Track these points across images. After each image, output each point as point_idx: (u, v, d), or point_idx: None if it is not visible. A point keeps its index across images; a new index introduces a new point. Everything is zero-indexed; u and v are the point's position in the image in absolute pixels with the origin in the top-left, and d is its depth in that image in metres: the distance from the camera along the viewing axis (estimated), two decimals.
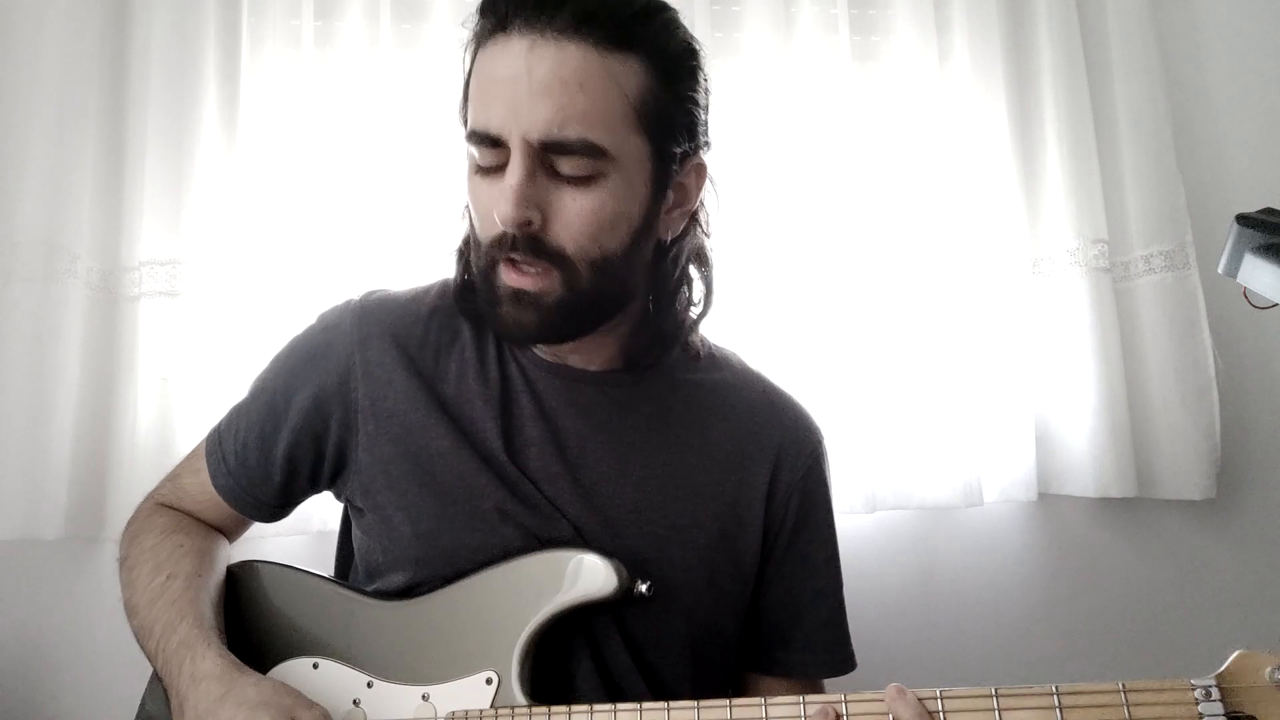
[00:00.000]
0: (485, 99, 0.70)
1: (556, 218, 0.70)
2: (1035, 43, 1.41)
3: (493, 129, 0.69)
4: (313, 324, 0.87)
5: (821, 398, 1.27)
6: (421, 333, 0.83)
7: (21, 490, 1.12)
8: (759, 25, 1.35)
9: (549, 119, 0.67)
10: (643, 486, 0.81)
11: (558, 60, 0.67)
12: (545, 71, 0.67)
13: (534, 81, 0.67)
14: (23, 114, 1.18)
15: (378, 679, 0.75)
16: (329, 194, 1.25)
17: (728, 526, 0.83)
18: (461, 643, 0.75)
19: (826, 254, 1.32)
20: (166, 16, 1.22)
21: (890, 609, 1.35)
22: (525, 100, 0.67)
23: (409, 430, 0.80)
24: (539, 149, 0.68)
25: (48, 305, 1.15)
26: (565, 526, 0.78)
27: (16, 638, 1.19)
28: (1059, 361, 1.37)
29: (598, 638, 0.78)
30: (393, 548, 0.80)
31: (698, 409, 0.85)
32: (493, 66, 0.70)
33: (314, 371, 0.82)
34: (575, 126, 0.68)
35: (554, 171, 0.70)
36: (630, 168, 0.72)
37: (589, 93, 0.68)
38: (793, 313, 1.30)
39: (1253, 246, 0.69)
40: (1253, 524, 1.43)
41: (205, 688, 0.68)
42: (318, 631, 0.79)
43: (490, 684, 0.73)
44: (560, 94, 0.67)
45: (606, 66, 0.69)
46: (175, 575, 0.79)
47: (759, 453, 0.86)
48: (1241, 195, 1.45)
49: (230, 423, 0.87)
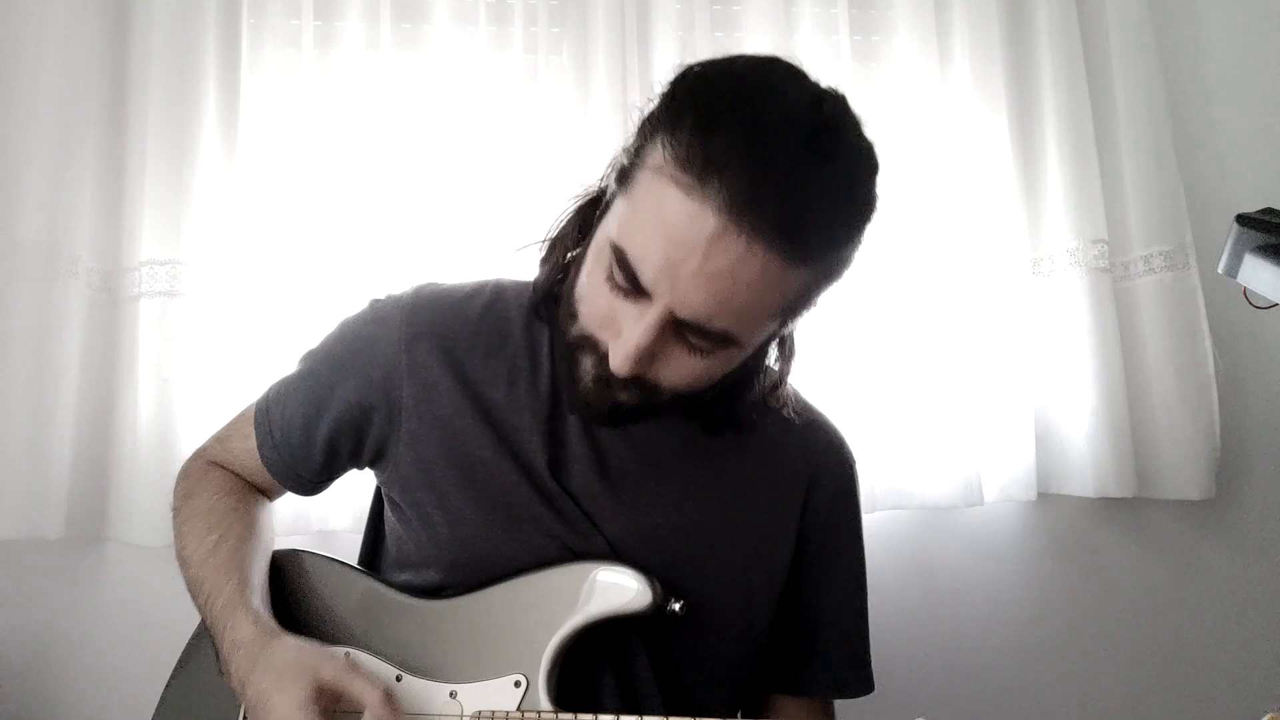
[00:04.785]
0: (648, 237, 0.63)
1: (664, 366, 0.68)
2: (1035, 43, 1.41)
3: (645, 280, 0.64)
4: (363, 310, 0.86)
5: (822, 397, 1.27)
6: (471, 335, 0.82)
7: (22, 490, 1.12)
8: (759, 25, 1.35)
9: (703, 308, 0.63)
10: (681, 506, 0.81)
11: (739, 260, 0.61)
12: (722, 266, 0.61)
13: (706, 266, 0.61)
14: (24, 114, 1.18)
15: (407, 673, 0.76)
16: (329, 194, 1.25)
17: (763, 548, 0.84)
18: (492, 644, 0.75)
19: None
20: (166, 16, 1.22)
21: (889, 609, 1.34)
22: (689, 278, 0.62)
23: (453, 436, 0.79)
24: (678, 320, 0.65)
25: (48, 306, 1.15)
26: (601, 542, 0.78)
27: (17, 638, 1.19)
28: (1059, 361, 1.37)
29: (626, 654, 0.78)
30: (428, 545, 0.80)
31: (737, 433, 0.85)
32: (670, 212, 0.62)
33: (360, 363, 0.82)
34: (723, 320, 0.64)
35: (679, 334, 0.67)
36: (751, 346, 0.71)
37: (752, 293, 0.64)
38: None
39: (1253, 246, 0.69)
40: (1252, 524, 1.44)
41: (242, 655, 0.72)
42: (352, 622, 0.80)
43: (518, 687, 0.73)
44: (726, 290, 0.63)
45: (782, 278, 0.64)
46: (226, 537, 0.81)
47: (794, 474, 0.86)
48: (1241, 195, 1.45)
49: (278, 397, 0.86)
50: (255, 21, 1.27)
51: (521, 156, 1.29)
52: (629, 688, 0.78)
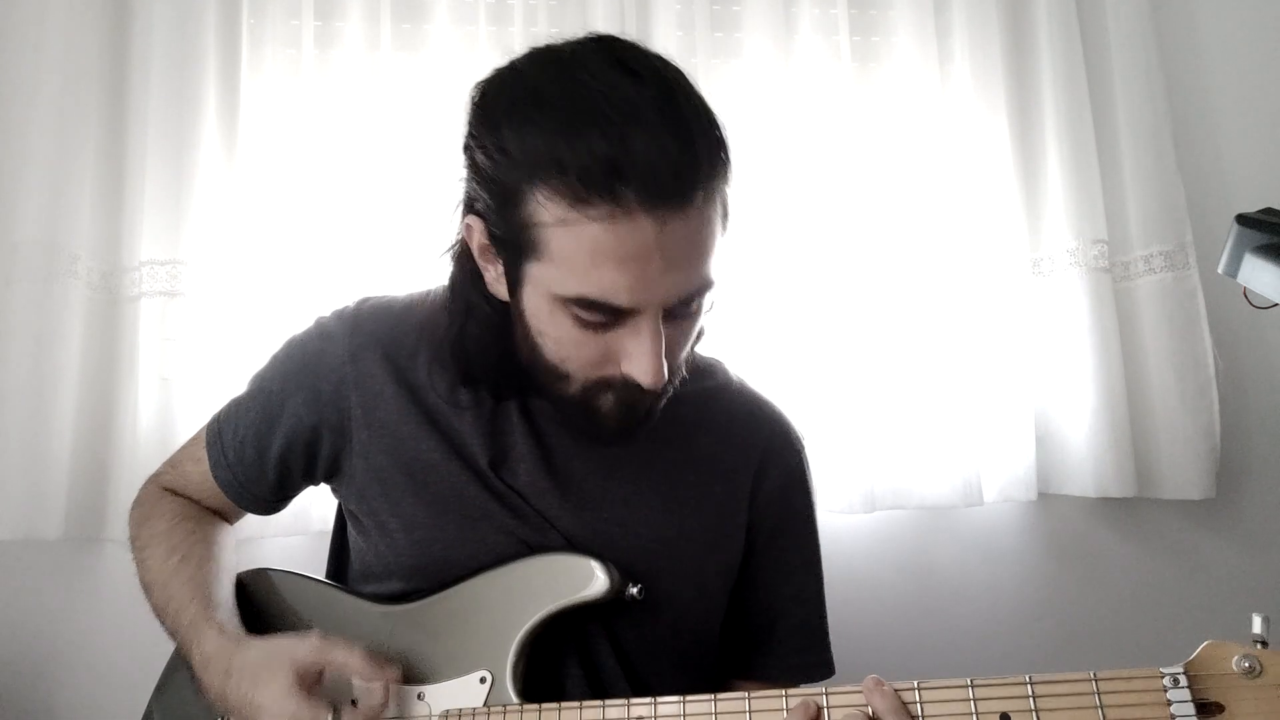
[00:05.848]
0: (603, 273, 0.64)
1: (674, 350, 0.70)
2: (1035, 43, 1.41)
3: (624, 304, 0.65)
4: (309, 328, 0.87)
5: (823, 397, 1.28)
6: (413, 343, 0.83)
7: (22, 490, 1.12)
8: (759, 25, 1.35)
9: (683, 286, 0.67)
10: (630, 501, 0.82)
11: (688, 230, 0.64)
12: (679, 248, 0.64)
13: (668, 258, 0.64)
14: (23, 114, 1.18)
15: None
16: (329, 194, 1.25)
17: (714, 537, 0.84)
18: (457, 643, 0.76)
19: (826, 253, 1.32)
20: (167, 16, 1.22)
21: (889, 609, 1.35)
22: (659, 276, 0.65)
23: (400, 441, 0.80)
24: (669, 309, 0.68)
25: (48, 305, 1.15)
26: (556, 537, 0.79)
27: (17, 638, 1.19)
28: (1059, 361, 1.37)
29: (589, 644, 0.79)
30: (388, 554, 0.81)
31: (683, 421, 0.85)
32: (608, 244, 0.63)
33: (308, 378, 0.83)
34: (699, 277, 0.68)
35: (672, 317, 0.69)
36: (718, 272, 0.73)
37: (710, 237, 0.67)
38: (793, 312, 1.30)
39: (1253, 246, 0.69)
40: (1252, 523, 1.44)
41: (214, 666, 0.73)
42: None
43: (484, 683, 0.74)
44: (690, 255, 0.66)
45: (717, 207, 0.68)
46: (188, 558, 0.82)
47: (742, 462, 0.87)
48: (1241, 195, 1.45)
49: (229, 417, 0.87)
50: (255, 22, 1.27)
51: None
52: (595, 677, 0.79)
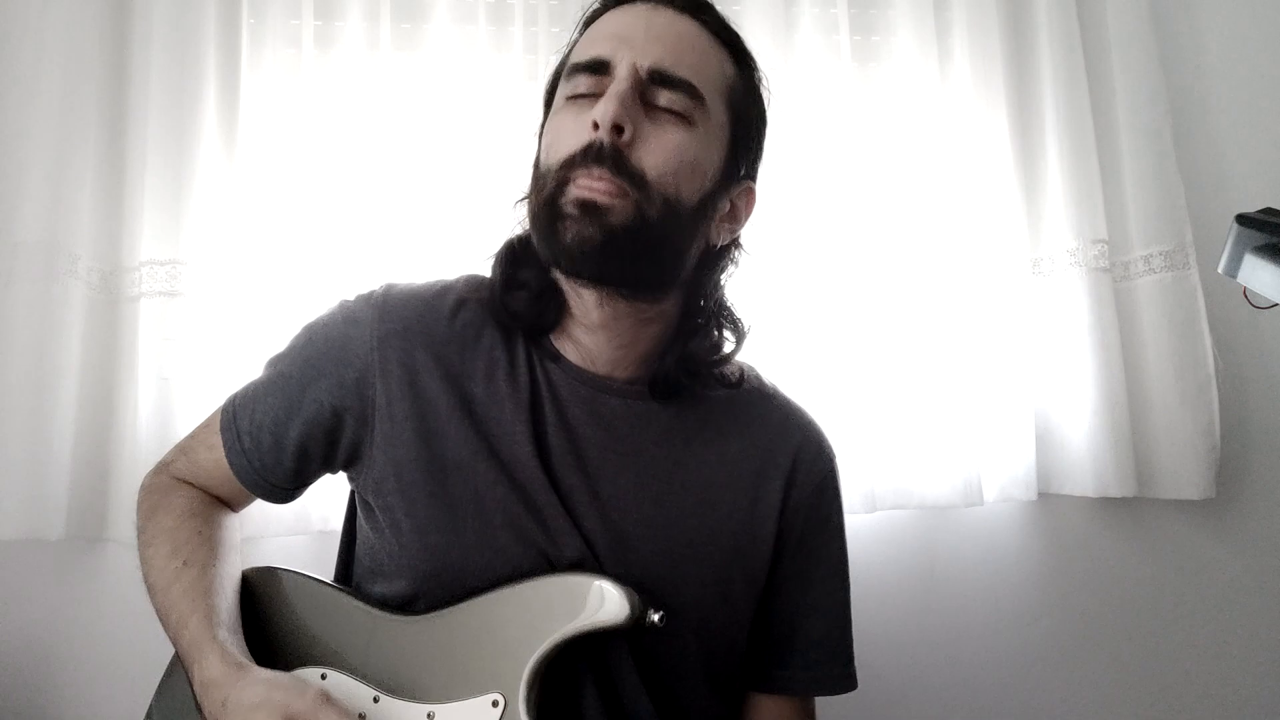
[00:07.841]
0: (596, 41, 0.76)
1: (644, 142, 0.72)
2: (1035, 43, 1.41)
3: (604, 55, 0.74)
4: (333, 311, 0.84)
5: (823, 397, 1.27)
6: (446, 329, 0.81)
7: (22, 490, 1.11)
8: (759, 25, 1.34)
9: (662, 55, 0.74)
10: (660, 502, 0.80)
11: (675, 22, 0.76)
12: (664, 26, 0.75)
13: (651, 29, 0.75)
14: (23, 114, 1.18)
15: (384, 694, 0.74)
16: (329, 194, 1.25)
17: (742, 543, 0.83)
18: (469, 663, 0.74)
19: (826, 252, 1.32)
20: (167, 16, 1.22)
21: (889, 609, 1.35)
22: (642, 39, 0.74)
23: (427, 435, 0.78)
24: (644, 79, 0.73)
25: (48, 305, 1.15)
26: (577, 542, 0.76)
27: (18, 638, 1.19)
28: (1059, 361, 1.37)
29: (607, 661, 0.77)
30: (400, 554, 0.78)
31: (715, 425, 0.85)
32: (607, 25, 0.77)
33: (331, 364, 0.81)
34: (684, 69, 0.74)
35: (651, 104, 0.74)
36: (714, 131, 0.77)
37: (697, 54, 0.76)
38: (794, 312, 1.30)
39: (1253, 246, 0.69)
40: (1252, 524, 1.44)
41: (213, 694, 0.70)
42: (329, 642, 0.79)
43: (496, 706, 0.71)
44: (675, 44, 0.75)
45: (713, 47, 0.78)
46: (191, 563, 0.79)
47: (773, 469, 0.85)
48: (1241, 195, 1.45)
49: (245, 402, 0.85)
50: (255, 21, 1.27)
51: (522, 156, 1.28)
52: (613, 698, 0.77)
